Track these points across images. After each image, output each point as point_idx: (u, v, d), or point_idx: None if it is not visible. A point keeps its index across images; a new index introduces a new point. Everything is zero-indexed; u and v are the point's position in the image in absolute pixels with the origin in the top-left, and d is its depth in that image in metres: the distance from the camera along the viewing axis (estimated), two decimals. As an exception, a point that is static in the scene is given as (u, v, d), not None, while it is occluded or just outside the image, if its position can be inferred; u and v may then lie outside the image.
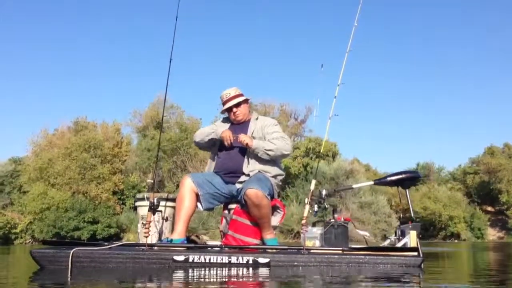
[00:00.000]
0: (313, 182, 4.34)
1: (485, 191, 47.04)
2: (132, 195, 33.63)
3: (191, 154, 34.09)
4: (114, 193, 35.06)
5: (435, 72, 69.22)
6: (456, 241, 37.70)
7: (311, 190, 4.27)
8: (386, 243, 4.26)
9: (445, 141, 72.13)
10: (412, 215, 4.42)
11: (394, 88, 69.24)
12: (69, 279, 3.00)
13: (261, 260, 3.59)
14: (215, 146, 4.41)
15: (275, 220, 4.23)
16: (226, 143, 4.15)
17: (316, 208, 4.22)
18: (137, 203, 4.42)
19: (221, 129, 4.25)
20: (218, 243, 4.22)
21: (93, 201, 33.44)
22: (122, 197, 34.73)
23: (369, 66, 68.15)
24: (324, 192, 4.28)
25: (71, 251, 3.55)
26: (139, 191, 29.44)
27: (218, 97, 4.33)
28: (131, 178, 34.43)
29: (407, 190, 4.49)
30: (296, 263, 3.62)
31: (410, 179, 4.51)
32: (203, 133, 4.38)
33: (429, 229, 42.03)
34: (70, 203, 32.85)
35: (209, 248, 3.96)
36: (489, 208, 47.85)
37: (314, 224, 4.17)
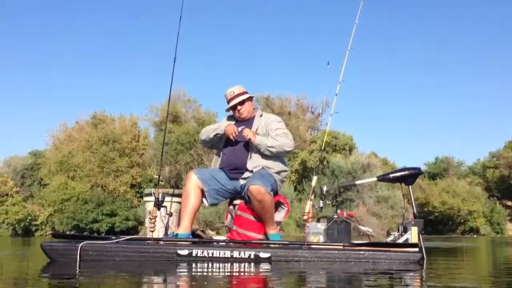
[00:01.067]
0: (315, 178, 4.39)
1: (505, 185, 46.35)
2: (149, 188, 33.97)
3: (208, 148, 34.24)
4: (132, 186, 35.50)
5: (456, 65, 68.22)
6: (475, 236, 37.23)
7: (313, 186, 4.30)
8: (389, 239, 4.25)
9: (465, 135, 71.11)
10: (415, 211, 4.37)
11: (413, 82, 68.49)
12: (77, 271, 3.09)
13: (262, 254, 3.64)
14: (221, 142, 4.45)
15: (279, 215, 4.29)
16: (230, 137, 4.20)
17: (321, 204, 4.26)
18: (145, 198, 4.51)
19: (225, 125, 4.30)
20: (223, 238, 4.27)
21: (111, 194, 33.88)
22: (139, 190, 35.13)
23: (389, 60, 67.50)
24: (325, 189, 4.31)
25: (80, 245, 3.64)
26: (156, 185, 29.70)
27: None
28: (148, 171, 34.75)
29: (410, 186, 4.44)
30: (296, 258, 3.66)
31: (412, 176, 4.48)
32: (208, 130, 4.43)
33: (447, 223, 41.64)
34: (89, 196, 33.35)
35: (214, 243, 4.02)
36: (509, 203, 47.13)
37: (319, 220, 4.18)
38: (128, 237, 4.05)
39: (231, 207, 4.31)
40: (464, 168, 51.45)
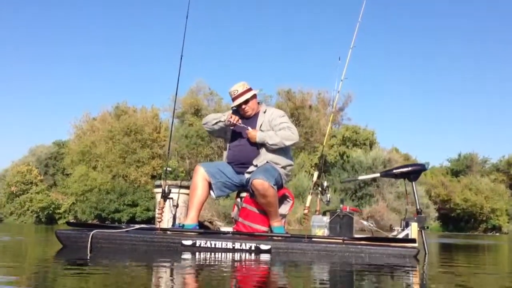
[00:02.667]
0: (316, 173, 4.53)
1: (530, 183, 45.44)
2: (171, 179, 34.35)
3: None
4: (153, 177, 35.92)
5: (478, 61, 66.83)
6: (497, 234, 36.67)
7: (314, 181, 4.44)
8: (393, 234, 4.30)
9: (491, 131, 69.72)
10: (418, 207, 4.41)
11: (437, 77, 67.39)
12: (88, 257, 3.27)
13: (263, 246, 3.76)
14: (226, 134, 4.57)
15: (285, 208, 4.38)
16: (233, 121, 4.28)
17: (328, 198, 4.34)
18: (154, 190, 4.65)
19: (228, 115, 4.39)
20: (230, 229, 4.37)
21: (132, 184, 34.35)
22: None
23: (414, 55, 66.56)
24: (325, 184, 4.42)
25: (91, 233, 3.79)
26: (177, 176, 30.03)
27: (257, 84, 4.45)
28: (169, 163, 35.07)
29: (413, 182, 4.47)
30: (296, 251, 3.77)
31: (416, 172, 4.51)
32: (210, 118, 4.52)
33: (469, 221, 41.07)
34: (111, 186, 33.86)
35: (221, 234, 4.13)
36: (534, 201, 46.18)
37: (324, 213, 4.24)
38: (137, 226, 4.18)
39: (238, 199, 4.43)
40: (489, 166, 50.55)
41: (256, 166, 4.24)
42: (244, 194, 4.35)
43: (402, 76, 66.58)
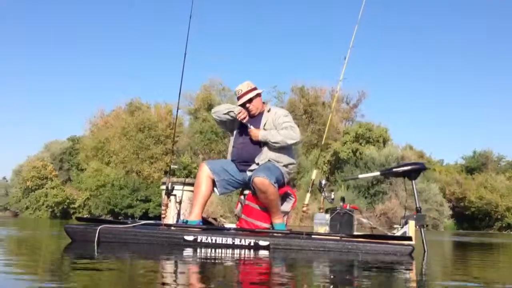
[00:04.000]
0: (314, 172, 4.60)
1: (547, 181, 44.74)
2: (184, 176, 34.53)
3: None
4: (166, 173, 36.06)
5: (493, 57, 65.94)
6: (512, 232, 36.27)
7: (312, 180, 4.50)
8: (393, 232, 4.36)
9: (506, 129, 68.79)
10: (417, 206, 4.46)
11: (452, 74, 66.63)
12: (95, 251, 3.37)
13: (262, 242, 3.85)
14: (232, 126, 4.65)
15: (287, 206, 4.45)
16: (242, 116, 4.38)
17: (333, 196, 4.41)
18: (161, 187, 4.73)
19: (238, 109, 4.45)
20: (234, 226, 4.47)
21: (145, 180, 34.60)
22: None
23: (428, 52, 65.94)
24: (323, 182, 4.49)
25: (98, 228, 3.90)
26: (190, 172, 30.19)
27: (271, 81, 4.55)
28: (182, 158, 35.25)
29: (413, 181, 4.50)
30: (293, 247, 3.86)
31: (415, 171, 4.52)
32: (223, 106, 4.60)
33: (484, 219, 40.64)
34: (124, 181, 34.15)
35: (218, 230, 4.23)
36: (551, 200, 45.49)
37: (327, 211, 4.30)
38: (143, 222, 4.27)
39: (242, 197, 4.51)
40: (504, 163, 49.94)
41: (258, 164, 4.32)
42: (247, 192, 4.44)
43: (417, 73, 66.09)
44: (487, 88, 66.53)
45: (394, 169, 4.59)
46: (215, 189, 4.40)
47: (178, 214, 4.45)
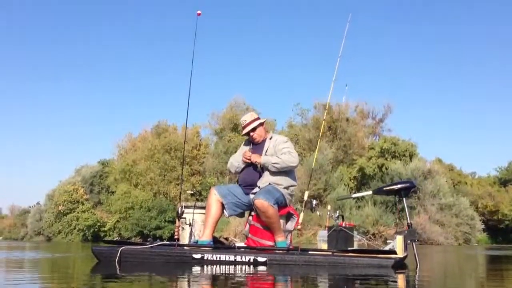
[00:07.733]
0: (306, 193, 5.11)
1: None
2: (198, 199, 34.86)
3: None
4: (192, 195, 36.38)
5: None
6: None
7: (305, 200, 5.03)
8: (387, 247, 4.60)
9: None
10: (408, 221, 4.78)
11: (483, 85, 65.52)
12: (117, 271, 3.77)
13: (260, 259, 4.27)
14: None
15: (291, 225, 4.82)
16: (246, 161, 4.88)
17: (337, 214, 4.80)
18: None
19: (241, 157, 4.95)
20: (243, 244, 4.85)
21: (172, 202, 34.96)
22: (199, 198, 36.00)
23: (457, 62, 65.18)
24: (314, 202, 5.00)
25: (120, 249, 4.35)
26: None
27: (294, 99, 4.94)
28: (208, 179, 35.59)
29: (404, 198, 4.77)
30: (288, 262, 4.24)
31: (405, 189, 4.79)
32: (233, 166, 5.06)
33: (517, 233, 39.51)
34: (152, 203, 34.57)
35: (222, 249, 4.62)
36: None
37: (329, 229, 4.63)
38: (160, 242, 4.70)
39: (250, 217, 4.88)
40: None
41: (259, 187, 4.70)
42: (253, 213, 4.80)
43: (447, 84, 65.30)
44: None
45: (385, 188, 4.93)
46: (224, 211, 4.79)
47: (190, 235, 4.89)
